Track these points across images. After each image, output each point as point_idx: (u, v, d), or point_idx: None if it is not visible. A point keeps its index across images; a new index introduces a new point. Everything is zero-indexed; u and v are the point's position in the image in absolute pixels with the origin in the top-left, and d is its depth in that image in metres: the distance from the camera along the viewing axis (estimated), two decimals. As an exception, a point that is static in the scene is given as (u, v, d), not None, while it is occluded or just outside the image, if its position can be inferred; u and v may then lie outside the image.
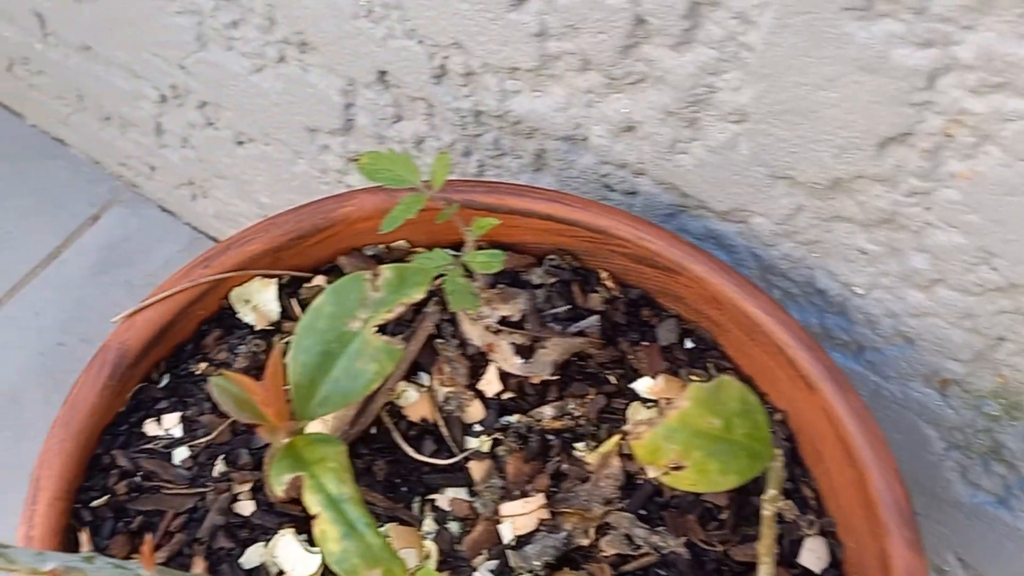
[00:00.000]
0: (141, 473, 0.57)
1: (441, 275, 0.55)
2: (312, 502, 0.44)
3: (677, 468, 0.44)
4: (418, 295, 0.49)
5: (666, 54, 0.60)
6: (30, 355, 1.01)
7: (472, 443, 0.62)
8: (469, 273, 0.55)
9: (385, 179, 0.55)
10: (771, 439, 0.44)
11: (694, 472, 0.43)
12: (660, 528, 0.60)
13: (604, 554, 0.59)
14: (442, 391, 0.64)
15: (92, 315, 1.04)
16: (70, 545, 0.54)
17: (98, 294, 1.06)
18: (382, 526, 0.57)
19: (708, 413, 0.43)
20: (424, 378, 0.64)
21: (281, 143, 0.92)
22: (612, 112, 0.66)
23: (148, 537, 0.36)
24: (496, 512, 0.60)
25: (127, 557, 0.55)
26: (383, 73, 0.76)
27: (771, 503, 0.45)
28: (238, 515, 0.57)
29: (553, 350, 0.64)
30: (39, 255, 1.08)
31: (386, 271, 0.49)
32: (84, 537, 0.35)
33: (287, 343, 0.48)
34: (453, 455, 0.62)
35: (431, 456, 0.61)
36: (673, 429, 0.43)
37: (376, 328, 0.49)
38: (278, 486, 0.45)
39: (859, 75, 0.53)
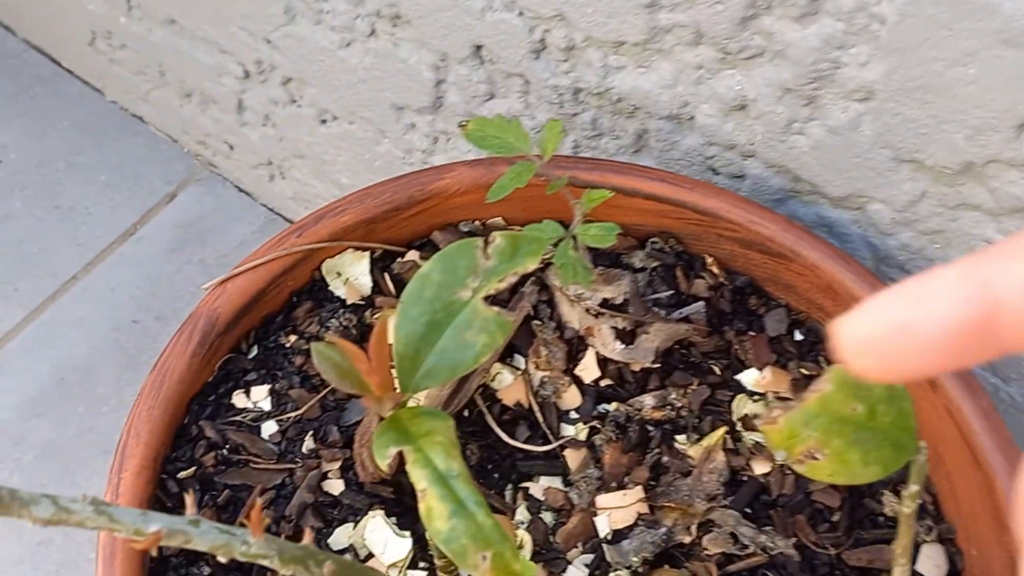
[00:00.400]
0: (229, 446, 0.55)
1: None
2: (419, 477, 0.41)
3: (813, 457, 0.40)
4: (531, 265, 0.46)
5: (788, 26, 0.57)
6: (104, 331, 1.00)
7: (568, 430, 0.59)
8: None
9: (493, 146, 0.53)
10: (916, 429, 0.40)
11: (833, 461, 0.40)
12: (767, 528, 0.56)
13: (707, 552, 0.56)
14: (538, 375, 0.61)
15: (166, 293, 1.03)
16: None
17: (172, 272, 1.04)
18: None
19: (851, 398, 0.40)
20: (519, 361, 0.61)
21: (366, 121, 0.90)
22: (724, 89, 0.63)
23: (258, 502, 0.33)
24: (592, 504, 0.57)
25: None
26: (478, 48, 0.74)
27: (912, 500, 0.41)
28: (327, 493, 0.54)
29: (656, 336, 0.61)
30: (116, 231, 1.06)
31: (499, 238, 0.46)
32: (189, 499, 0.33)
33: (386, 310, 0.45)
34: (548, 442, 0.59)
35: (525, 442, 0.59)
36: (812, 414, 0.40)
37: (486, 299, 0.46)
38: (382, 459, 0.42)
39: (1001, 49, 0.50)
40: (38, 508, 0.31)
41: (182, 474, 0.54)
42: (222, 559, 0.33)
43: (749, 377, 0.61)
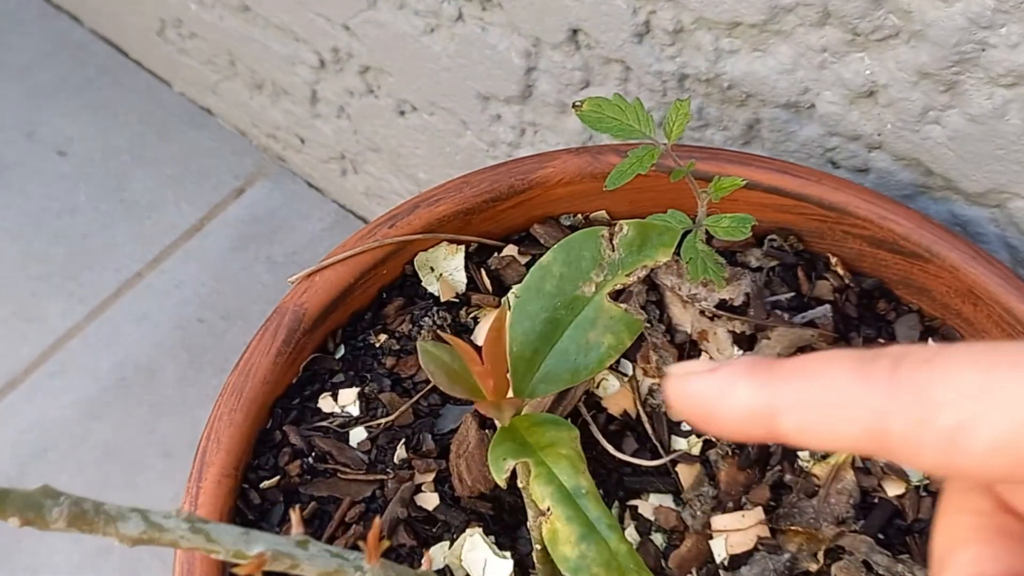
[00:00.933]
0: (315, 453, 0.50)
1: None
2: (542, 495, 0.36)
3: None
4: (663, 257, 0.41)
5: (929, 4, 0.52)
6: (168, 329, 0.96)
7: (679, 444, 0.54)
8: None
9: (612, 129, 0.48)
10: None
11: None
12: (904, 556, 0.51)
13: (838, 582, 0.50)
14: (646, 382, 0.56)
15: (231, 290, 0.99)
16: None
17: (239, 269, 1.00)
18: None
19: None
20: (626, 366, 0.56)
21: (447, 112, 0.85)
22: (851, 74, 0.58)
23: (376, 521, 0.28)
24: (707, 525, 0.52)
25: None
26: (575, 32, 0.69)
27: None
28: (421, 508, 0.49)
29: (778, 342, 0.55)
30: (182, 227, 1.03)
31: (627, 227, 0.41)
32: (295, 517, 0.28)
33: (508, 303, 0.40)
34: (658, 456, 0.54)
35: (632, 455, 0.54)
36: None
37: (611, 295, 0.41)
38: (500, 473, 0.37)
39: None
40: (126, 525, 0.27)
41: (265, 484, 0.49)
42: None
43: (879, 388, 0.55)
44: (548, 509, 0.36)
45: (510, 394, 0.40)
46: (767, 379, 0.27)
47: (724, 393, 0.28)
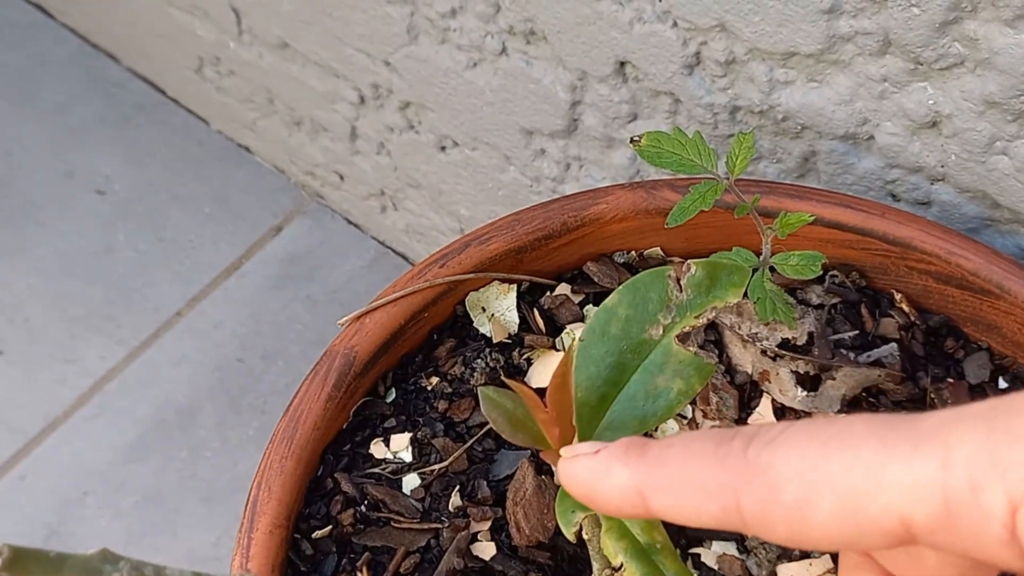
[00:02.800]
0: (367, 502, 0.49)
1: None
2: (615, 551, 0.35)
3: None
4: (733, 298, 0.39)
5: (998, 31, 0.50)
6: (207, 370, 0.95)
7: (742, 489, 0.52)
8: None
9: (671, 164, 0.46)
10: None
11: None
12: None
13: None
14: (706, 424, 0.54)
15: (270, 330, 0.98)
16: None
17: (278, 308, 0.99)
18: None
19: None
20: (687, 409, 0.54)
21: (490, 147, 0.84)
22: (913, 104, 0.56)
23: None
24: (773, 575, 0.50)
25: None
26: (623, 64, 0.68)
27: None
28: (477, 558, 0.48)
29: (843, 383, 0.53)
30: (220, 265, 1.02)
31: (695, 267, 0.39)
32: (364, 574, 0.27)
33: (574, 347, 0.38)
34: (720, 502, 0.52)
35: (694, 502, 0.51)
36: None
37: (679, 338, 0.39)
38: (568, 527, 0.35)
39: None
40: (189, 593, 0.25)
41: (317, 534, 0.47)
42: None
43: (950, 430, 0.53)
44: (621, 566, 0.34)
45: (575, 443, 0.38)
46: (638, 463, 0.29)
47: (603, 475, 0.30)
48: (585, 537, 0.40)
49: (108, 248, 1.03)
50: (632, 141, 0.47)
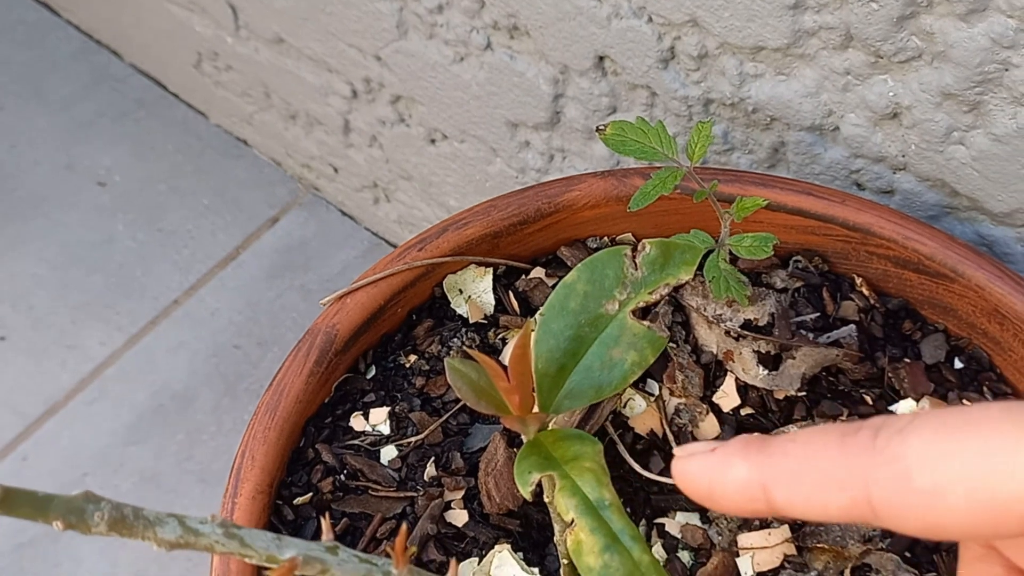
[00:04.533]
0: (347, 471, 0.51)
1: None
2: (566, 507, 0.37)
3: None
4: (685, 276, 0.42)
5: (952, 25, 0.52)
6: (204, 356, 0.98)
7: (706, 463, 0.55)
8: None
9: (635, 152, 0.49)
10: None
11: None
12: (931, 574, 0.51)
13: (865, 600, 0.50)
14: (672, 402, 0.56)
15: (267, 319, 1.00)
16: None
17: (273, 297, 1.02)
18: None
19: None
20: (653, 386, 0.57)
21: (477, 140, 0.86)
22: (874, 96, 0.58)
23: (403, 529, 0.29)
24: (734, 543, 0.52)
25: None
26: (602, 59, 0.70)
27: None
28: (451, 524, 0.50)
29: (803, 361, 0.56)
30: (218, 255, 1.05)
31: (649, 246, 0.42)
32: (326, 524, 0.29)
33: (534, 321, 0.41)
34: (685, 475, 0.54)
35: (659, 474, 0.54)
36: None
37: (635, 313, 0.42)
38: (526, 486, 0.38)
39: None
40: (164, 529, 0.28)
41: (298, 500, 0.50)
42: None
43: (905, 407, 0.56)
44: (572, 521, 0.37)
45: (535, 410, 0.41)
46: (760, 456, 0.29)
47: (722, 472, 0.29)
48: (547, 500, 0.42)
49: (109, 238, 1.06)
50: (598, 130, 0.49)
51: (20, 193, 1.10)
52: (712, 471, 0.30)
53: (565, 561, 0.44)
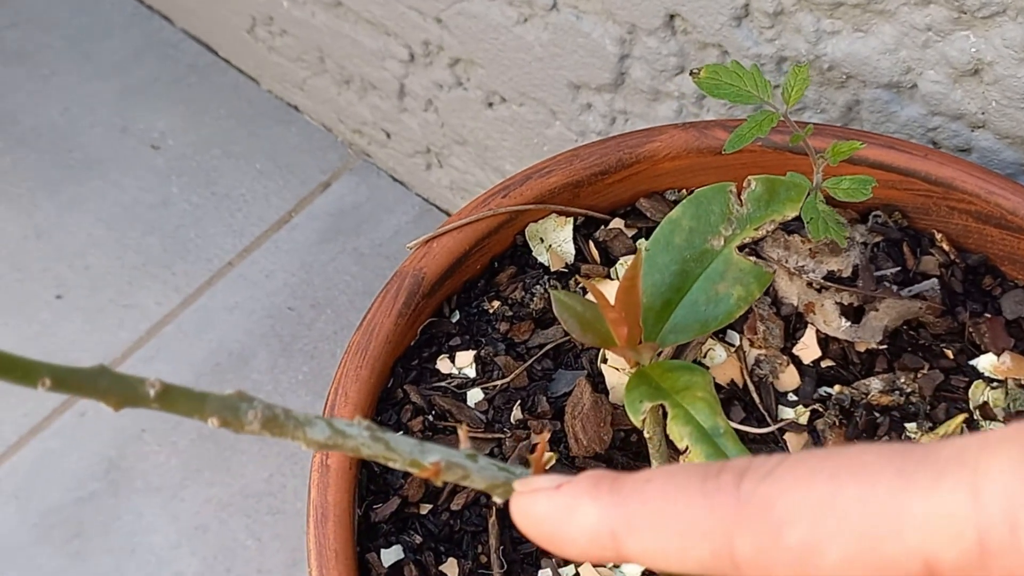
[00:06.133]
0: (435, 411, 0.52)
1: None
2: (680, 435, 0.37)
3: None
4: (791, 212, 0.42)
5: (1041, -22, 0.52)
6: (259, 317, 0.99)
7: (786, 413, 0.55)
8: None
9: (729, 95, 0.49)
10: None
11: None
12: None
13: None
14: (753, 353, 0.56)
15: (319, 281, 1.01)
16: (360, 481, 0.49)
17: (326, 260, 1.03)
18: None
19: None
20: (733, 337, 0.57)
21: (537, 103, 0.86)
22: (956, 52, 0.58)
23: (543, 436, 0.30)
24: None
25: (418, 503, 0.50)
26: (672, 17, 0.70)
27: None
28: (538, 466, 0.50)
29: (886, 314, 0.56)
30: (271, 219, 1.05)
31: (754, 183, 0.42)
32: (463, 432, 0.30)
33: (641, 253, 0.41)
34: (765, 424, 0.54)
35: (740, 423, 0.54)
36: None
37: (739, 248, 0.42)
38: (636, 414, 0.38)
39: None
40: (313, 430, 0.28)
41: (389, 438, 0.50)
42: (497, 500, 0.29)
43: (986, 362, 0.56)
44: (686, 449, 0.37)
45: (642, 344, 0.41)
46: (611, 498, 0.25)
47: (568, 515, 0.26)
48: (646, 435, 0.43)
49: (164, 201, 1.07)
50: (692, 73, 0.49)
51: (76, 155, 1.10)
52: (557, 511, 0.26)
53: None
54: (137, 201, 1.07)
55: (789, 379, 0.56)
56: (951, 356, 0.56)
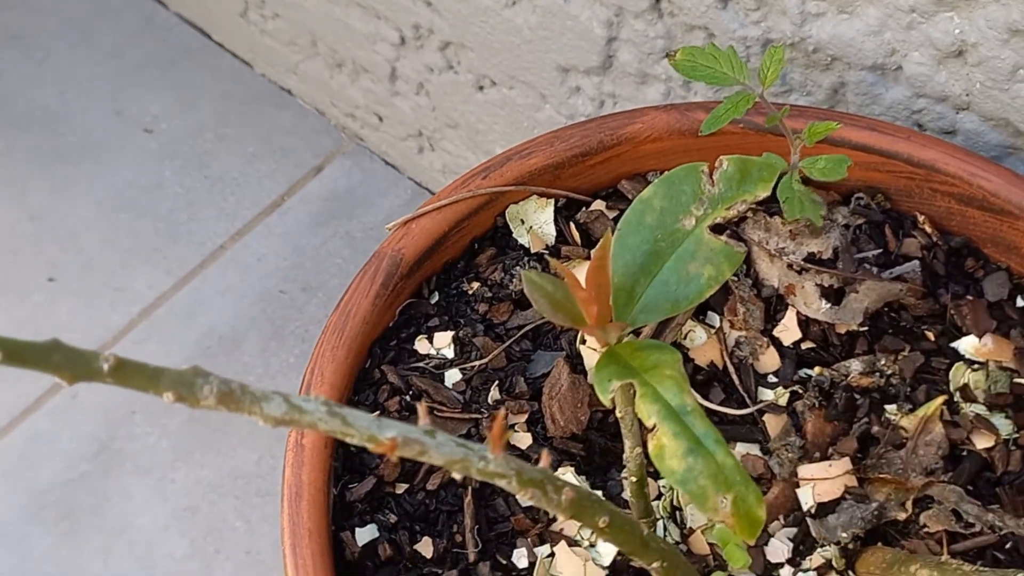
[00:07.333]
0: (412, 392, 0.52)
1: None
2: (648, 413, 0.37)
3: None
4: (763, 192, 0.42)
5: (1023, -42, 0.52)
6: (251, 301, 0.99)
7: (766, 395, 0.55)
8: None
9: (705, 76, 0.49)
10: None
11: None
12: (994, 506, 0.51)
13: (928, 530, 0.50)
14: (733, 334, 0.56)
15: (311, 264, 1.01)
16: (334, 459, 0.49)
17: (318, 244, 1.03)
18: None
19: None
20: (713, 319, 0.57)
21: (527, 86, 0.86)
22: (939, 34, 0.58)
23: (501, 413, 0.30)
24: (794, 474, 0.53)
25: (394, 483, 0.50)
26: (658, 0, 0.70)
27: None
28: (514, 447, 0.51)
29: (866, 296, 0.56)
30: (263, 202, 1.05)
31: (726, 162, 0.42)
32: (422, 409, 0.30)
33: (611, 235, 0.41)
34: (745, 406, 0.55)
35: (719, 405, 0.54)
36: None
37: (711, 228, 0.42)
38: (605, 393, 0.38)
39: None
40: (270, 405, 0.28)
41: (365, 418, 0.51)
42: (456, 476, 0.29)
43: (967, 344, 0.56)
44: (654, 426, 0.37)
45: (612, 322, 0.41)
46: None
47: None
48: (618, 415, 0.43)
49: (157, 184, 1.07)
50: (668, 55, 0.49)
51: (70, 138, 1.10)
52: None
53: (633, 479, 0.45)
54: (130, 184, 1.07)
55: (769, 361, 0.56)
56: (932, 338, 0.56)
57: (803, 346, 0.56)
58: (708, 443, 0.36)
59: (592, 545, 0.49)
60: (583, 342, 0.54)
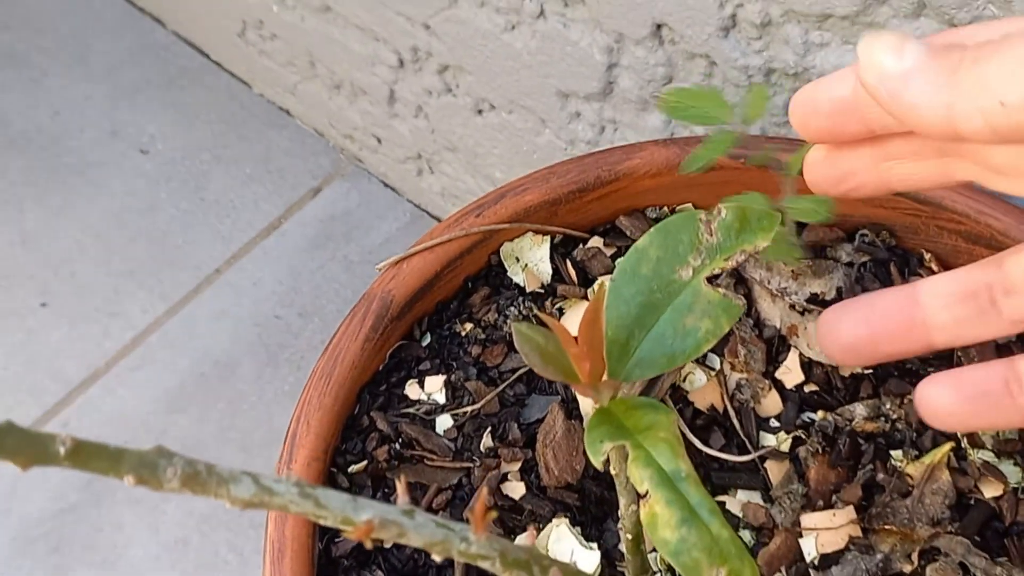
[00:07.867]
0: (402, 439, 0.50)
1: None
2: (640, 479, 0.36)
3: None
4: (763, 242, 0.40)
5: (1032, -8, 0.50)
6: (247, 325, 0.97)
7: (768, 440, 0.53)
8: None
9: (692, 117, 0.47)
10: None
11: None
12: (1002, 559, 0.49)
13: (934, 583, 0.49)
14: (734, 377, 0.55)
15: (308, 288, 1.00)
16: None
17: (315, 268, 1.01)
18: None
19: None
20: (714, 360, 0.55)
21: (526, 111, 0.85)
22: (947, 66, 0.56)
23: (483, 493, 0.28)
24: (797, 523, 0.51)
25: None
26: (659, 27, 0.68)
27: None
28: (507, 497, 0.49)
29: (870, 337, 0.54)
30: (260, 225, 1.04)
31: (725, 211, 0.40)
32: (401, 487, 0.28)
33: (605, 286, 0.40)
34: (746, 452, 0.53)
35: (720, 450, 0.53)
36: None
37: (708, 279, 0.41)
38: (597, 456, 0.37)
39: None
40: (238, 487, 0.27)
41: (353, 468, 0.49)
42: (436, 558, 0.28)
43: (975, 388, 0.54)
44: (647, 493, 0.36)
45: (605, 378, 0.40)
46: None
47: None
48: (613, 472, 0.41)
49: (152, 206, 1.06)
50: (655, 96, 0.48)
51: (65, 159, 1.09)
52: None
53: (628, 536, 0.43)
54: (125, 207, 1.06)
55: (771, 404, 0.54)
56: (939, 381, 0.54)
57: (806, 389, 0.54)
58: (703, 513, 0.35)
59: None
60: (579, 385, 0.53)
